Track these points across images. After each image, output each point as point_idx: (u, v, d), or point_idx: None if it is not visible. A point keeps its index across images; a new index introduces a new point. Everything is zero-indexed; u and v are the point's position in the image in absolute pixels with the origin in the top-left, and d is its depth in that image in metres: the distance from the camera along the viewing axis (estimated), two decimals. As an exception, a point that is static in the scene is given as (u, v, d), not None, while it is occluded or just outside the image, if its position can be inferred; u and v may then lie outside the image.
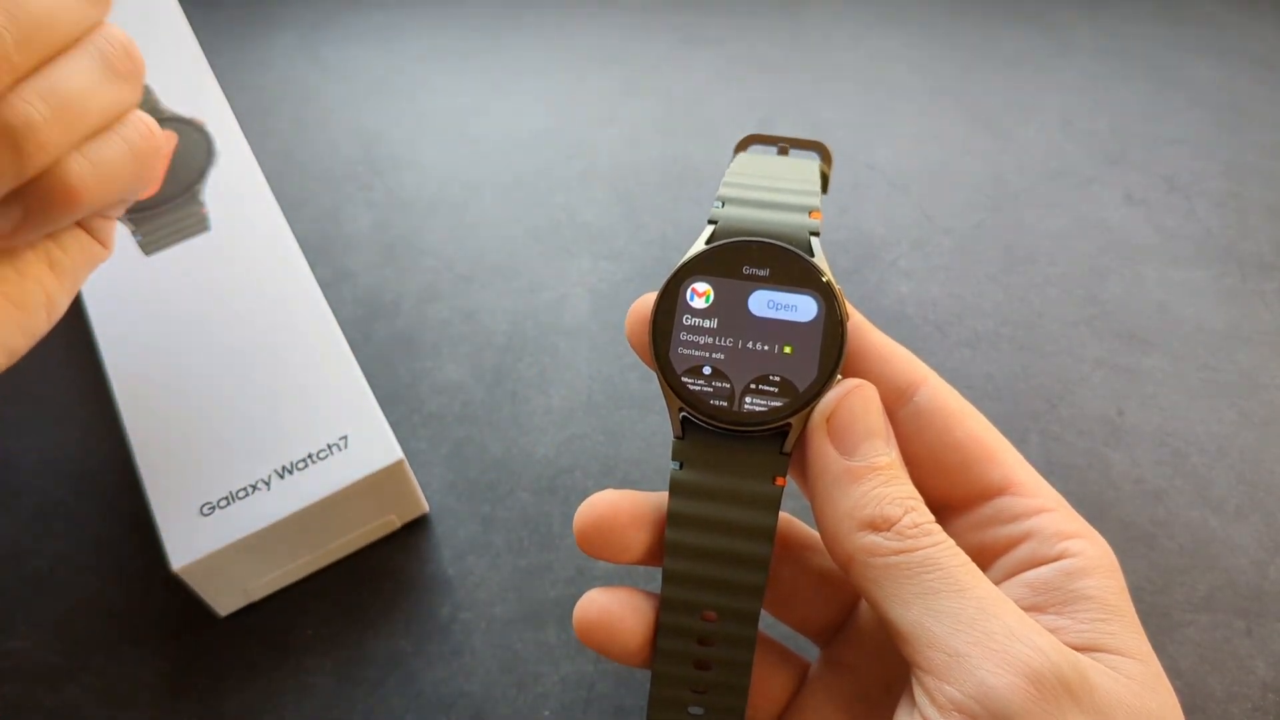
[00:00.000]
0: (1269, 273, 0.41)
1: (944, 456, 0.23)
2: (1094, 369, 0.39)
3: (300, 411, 0.33)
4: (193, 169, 0.39)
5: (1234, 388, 0.38)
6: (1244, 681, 0.31)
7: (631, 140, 0.48)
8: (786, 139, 0.27)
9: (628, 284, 0.42)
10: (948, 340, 0.40)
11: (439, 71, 0.51)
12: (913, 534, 0.20)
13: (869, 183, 0.45)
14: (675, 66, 0.51)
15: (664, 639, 0.23)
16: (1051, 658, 0.19)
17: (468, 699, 0.31)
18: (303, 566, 0.34)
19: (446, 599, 0.34)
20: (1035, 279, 0.42)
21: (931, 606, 0.20)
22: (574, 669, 0.32)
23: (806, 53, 0.52)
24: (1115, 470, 0.36)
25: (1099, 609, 0.21)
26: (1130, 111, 0.48)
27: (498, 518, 0.35)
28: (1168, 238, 0.43)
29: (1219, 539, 0.34)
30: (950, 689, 0.19)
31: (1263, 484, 0.35)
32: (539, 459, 0.37)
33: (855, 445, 0.22)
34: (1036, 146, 0.47)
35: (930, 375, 0.24)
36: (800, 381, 0.22)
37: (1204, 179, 0.45)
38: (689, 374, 0.23)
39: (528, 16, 0.54)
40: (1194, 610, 0.32)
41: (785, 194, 0.24)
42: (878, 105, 0.49)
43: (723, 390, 0.22)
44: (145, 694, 0.32)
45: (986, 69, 0.50)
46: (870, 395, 0.22)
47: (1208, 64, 0.50)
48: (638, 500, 0.24)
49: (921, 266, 0.42)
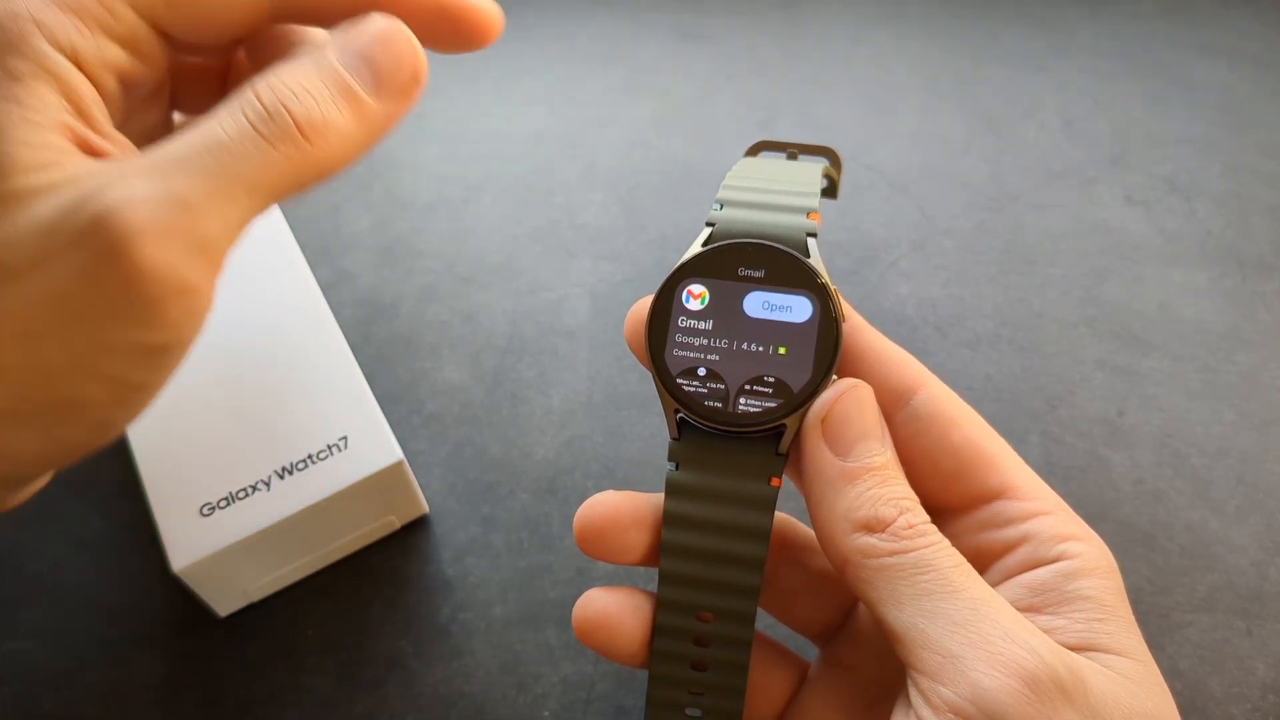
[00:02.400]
0: (1269, 273, 0.41)
1: (941, 460, 0.23)
2: (1094, 369, 0.39)
3: (300, 412, 0.33)
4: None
5: (1234, 388, 0.38)
6: (1244, 682, 0.31)
7: (631, 140, 0.48)
8: (795, 145, 0.27)
9: (627, 285, 0.42)
10: (947, 341, 0.40)
11: (438, 71, 0.51)
12: (907, 535, 0.21)
13: (869, 183, 0.45)
14: (675, 66, 0.51)
15: (660, 640, 0.23)
16: (1045, 658, 0.19)
17: (468, 699, 0.32)
18: (303, 567, 0.34)
19: (446, 600, 0.34)
20: (1035, 280, 0.42)
21: (925, 608, 0.20)
22: (574, 669, 0.32)
23: (806, 52, 0.52)
24: (1115, 471, 0.36)
25: (1095, 609, 0.21)
26: (1131, 112, 0.48)
27: (497, 518, 0.35)
28: (1168, 238, 0.43)
29: (1219, 540, 0.34)
30: (944, 690, 0.19)
31: (1263, 484, 0.35)
32: (539, 460, 0.37)
33: (850, 446, 0.22)
34: (1037, 147, 0.47)
35: (929, 378, 0.24)
36: (795, 382, 0.22)
37: (1204, 179, 0.45)
38: (684, 375, 0.23)
39: (528, 16, 0.54)
40: (1194, 611, 0.32)
41: (783, 196, 0.24)
42: (878, 105, 0.49)
43: (717, 391, 0.23)
44: (145, 694, 0.32)
45: (987, 69, 0.50)
46: (865, 396, 0.22)
47: (1208, 64, 0.50)
48: (638, 501, 0.24)
49: (921, 267, 0.42)
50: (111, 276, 0.17)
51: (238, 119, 0.19)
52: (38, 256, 0.18)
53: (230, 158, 0.19)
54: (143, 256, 0.17)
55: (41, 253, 0.18)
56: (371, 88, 0.21)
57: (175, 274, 0.18)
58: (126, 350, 0.19)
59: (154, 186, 0.18)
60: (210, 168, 0.18)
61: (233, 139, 0.19)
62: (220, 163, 0.19)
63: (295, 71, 0.20)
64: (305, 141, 0.19)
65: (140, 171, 0.18)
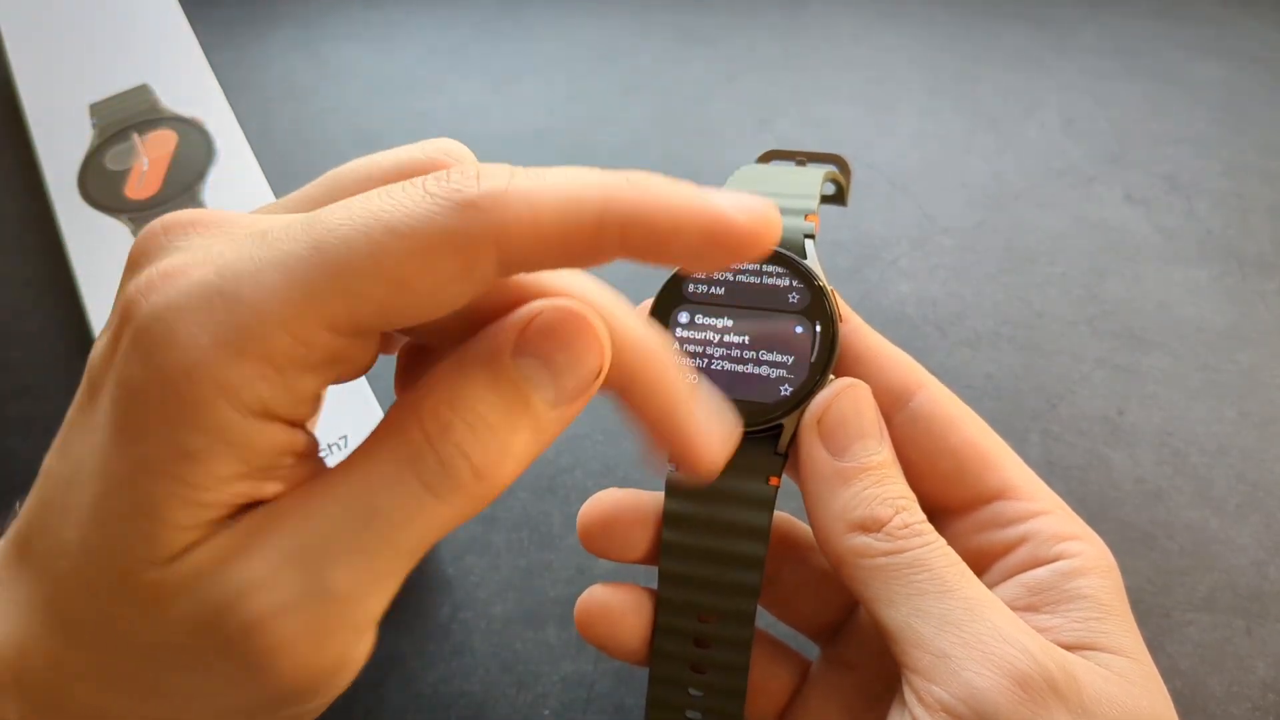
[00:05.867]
0: (1269, 273, 0.41)
1: (941, 461, 0.23)
2: (1094, 369, 0.39)
3: (300, 412, 0.33)
4: (193, 169, 0.39)
5: (1234, 388, 0.38)
6: (1244, 681, 0.31)
7: (631, 140, 0.48)
8: (804, 152, 0.27)
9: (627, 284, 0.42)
10: (948, 340, 0.40)
11: (439, 71, 0.51)
12: (902, 535, 0.21)
13: (869, 183, 0.45)
14: (675, 66, 0.51)
15: (660, 640, 0.24)
16: (1038, 658, 0.19)
17: (468, 699, 0.32)
18: (303, 566, 0.34)
19: (446, 598, 0.34)
20: (1035, 279, 0.42)
21: (919, 607, 0.20)
22: (574, 668, 0.32)
23: (807, 52, 0.52)
24: (1115, 470, 0.36)
25: (1093, 608, 0.21)
26: (1131, 111, 0.48)
27: (498, 517, 0.35)
28: (1168, 237, 0.43)
29: (1219, 539, 0.34)
30: (937, 690, 0.19)
31: (1263, 484, 0.35)
32: (539, 458, 0.37)
33: (846, 446, 0.22)
34: (1037, 146, 0.47)
35: (928, 380, 0.24)
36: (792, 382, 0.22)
37: (1204, 179, 0.45)
38: None
39: (527, 16, 0.54)
40: (1194, 610, 0.32)
41: (782, 199, 0.24)
42: (878, 105, 0.49)
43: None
44: (146, 693, 0.32)
45: (987, 68, 0.50)
46: (861, 395, 0.22)
47: (1208, 64, 0.50)
48: (641, 499, 0.24)
49: (922, 266, 0.42)
50: (261, 682, 0.16)
51: (404, 480, 0.16)
52: (187, 657, 0.16)
53: (392, 529, 0.16)
54: (295, 664, 0.15)
55: (190, 653, 0.16)
56: (552, 396, 0.17)
57: (331, 667, 0.16)
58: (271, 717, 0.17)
59: (304, 583, 0.15)
60: (369, 547, 0.16)
61: (397, 505, 0.16)
62: (382, 538, 0.16)
63: (467, 389, 0.17)
64: (477, 485, 0.17)
65: (289, 559, 0.15)
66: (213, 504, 0.16)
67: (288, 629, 0.15)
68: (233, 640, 0.15)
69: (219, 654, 0.15)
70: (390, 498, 0.16)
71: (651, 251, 0.16)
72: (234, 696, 0.16)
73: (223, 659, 0.15)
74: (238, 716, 0.16)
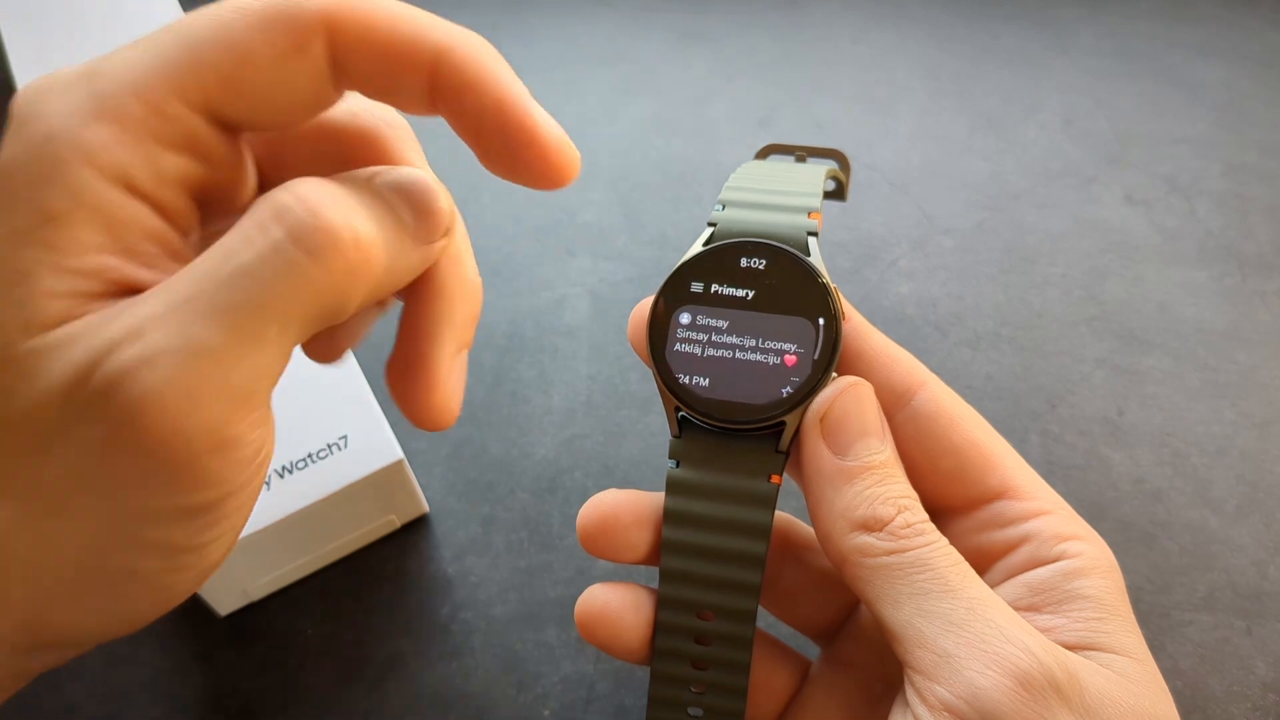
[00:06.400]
0: (1269, 273, 0.41)
1: (942, 461, 0.23)
2: (1094, 369, 0.39)
3: (300, 411, 0.33)
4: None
5: (1234, 388, 0.38)
6: (1244, 681, 0.31)
7: (631, 140, 0.48)
8: (804, 147, 0.27)
9: (627, 284, 0.42)
10: (948, 340, 0.40)
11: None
12: (905, 534, 0.20)
13: (869, 183, 0.45)
14: (674, 66, 0.51)
15: (661, 638, 0.23)
16: (1040, 658, 0.19)
17: (468, 699, 0.32)
18: (302, 566, 0.34)
19: (446, 599, 0.34)
20: (1035, 279, 0.42)
21: (922, 607, 0.20)
22: (574, 669, 0.32)
23: (806, 52, 0.52)
24: (1115, 470, 0.36)
25: (1095, 608, 0.21)
26: (1131, 111, 0.48)
27: (498, 518, 0.35)
28: (1168, 238, 0.43)
29: (1219, 539, 0.34)
30: (940, 689, 0.19)
31: (1263, 484, 0.35)
32: (539, 459, 0.37)
33: (848, 444, 0.22)
34: (1037, 146, 0.47)
35: (930, 379, 0.24)
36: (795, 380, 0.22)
37: (1204, 179, 0.45)
38: (685, 373, 0.23)
39: (527, 16, 0.54)
40: (1194, 610, 0.32)
41: (785, 196, 0.24)
42: (878, 104, 0.49)
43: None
44: (144, 694, 0.32)
45: (987, 68, 0.50)
46: (864, 394, 0.22)
47: (1208, 64, 0.50)
48: (641, 500, 0.24)
49: (922, 266, 0.42)
50: (133, 448, 0.15)
51: (269, 233, 0.16)
52: (58, 427, 0.16)
53: (258, 286, 0.16)
54: (163, 424, 0.15)
55: (61, 422, 0.15)
56: (409, 213, 0.19)
57: (205, 433, 0.16)
58: (168, 515, 0.16)
59: (170, 337, 0.15)
60: (236, 303, 0.16)
61: (265, 262, 0.16)
62: (247, 295, 0.16)
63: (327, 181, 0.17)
64: (342, 255, 0.16)
65: (156, 317, 0.16)
66: (81, 272, 0.16)
67: (153, 378, 0.15)
68: (99, 395, 0.15)
69: (88, 417, 0.15)
70: (256, 254, 0.16)
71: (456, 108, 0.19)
72: (110, 481, 0.16)
73: (92, 423, 0.15)
74: (115, 499, 0.16)
